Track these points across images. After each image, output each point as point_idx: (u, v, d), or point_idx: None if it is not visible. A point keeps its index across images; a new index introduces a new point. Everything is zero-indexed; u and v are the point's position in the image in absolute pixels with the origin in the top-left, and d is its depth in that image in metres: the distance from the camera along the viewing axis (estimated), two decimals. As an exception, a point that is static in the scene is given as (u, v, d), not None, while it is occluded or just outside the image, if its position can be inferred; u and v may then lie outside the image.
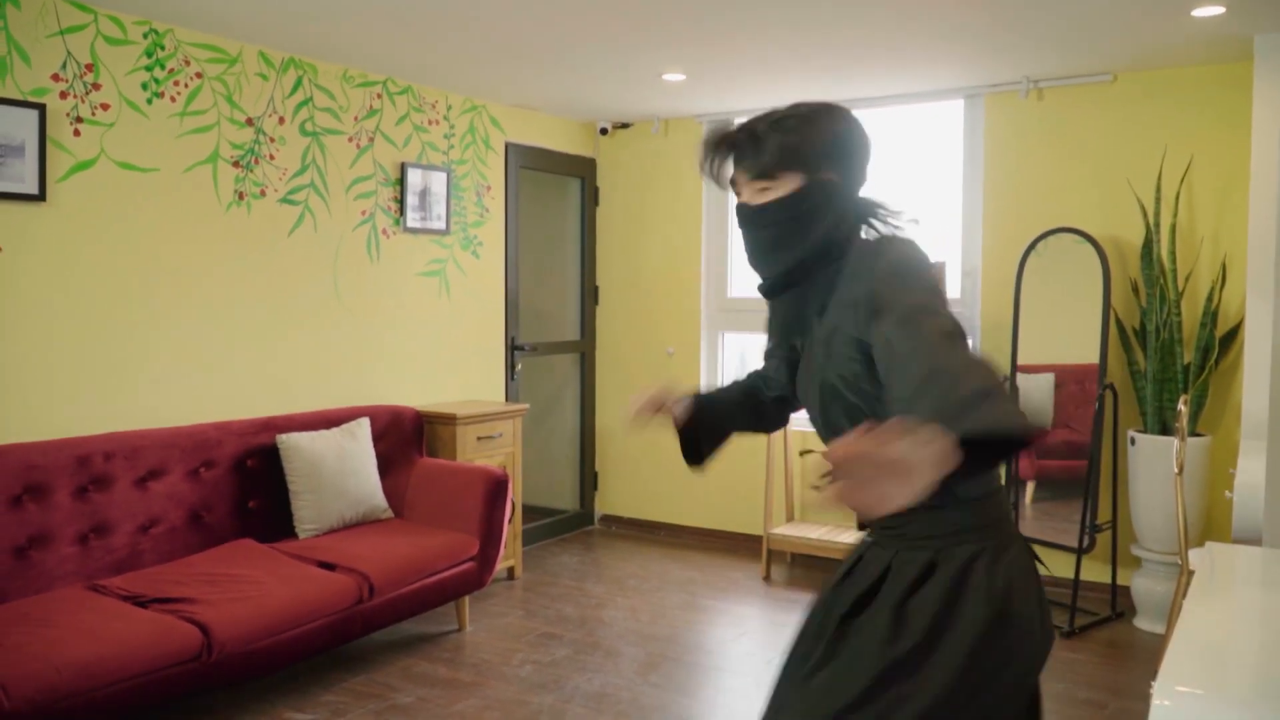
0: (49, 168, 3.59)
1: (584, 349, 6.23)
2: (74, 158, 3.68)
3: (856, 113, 1.97)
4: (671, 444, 2.18)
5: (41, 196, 3.57)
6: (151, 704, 3.00)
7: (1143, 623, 4.42)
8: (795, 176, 1.83)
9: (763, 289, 1.97)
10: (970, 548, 1.64)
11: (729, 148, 1.89)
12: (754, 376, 2.16)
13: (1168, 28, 3.94)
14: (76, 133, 3.68)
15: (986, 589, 1.60)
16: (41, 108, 3.54)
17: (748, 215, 1.84)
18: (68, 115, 3.65)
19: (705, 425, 2.10)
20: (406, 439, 4.62)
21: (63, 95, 3.63)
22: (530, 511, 6.02)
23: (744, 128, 1.88)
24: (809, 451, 3.07)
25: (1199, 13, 3.72)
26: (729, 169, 1.89)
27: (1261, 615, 2.01)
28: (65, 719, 2.75)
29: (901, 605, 1.63)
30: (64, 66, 3.63)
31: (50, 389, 3.64)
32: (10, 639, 2.86)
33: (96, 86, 3.73)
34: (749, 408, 2.13)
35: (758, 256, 1.91)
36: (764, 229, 1.85)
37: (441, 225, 5.16)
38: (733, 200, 1.97)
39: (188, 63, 4.02)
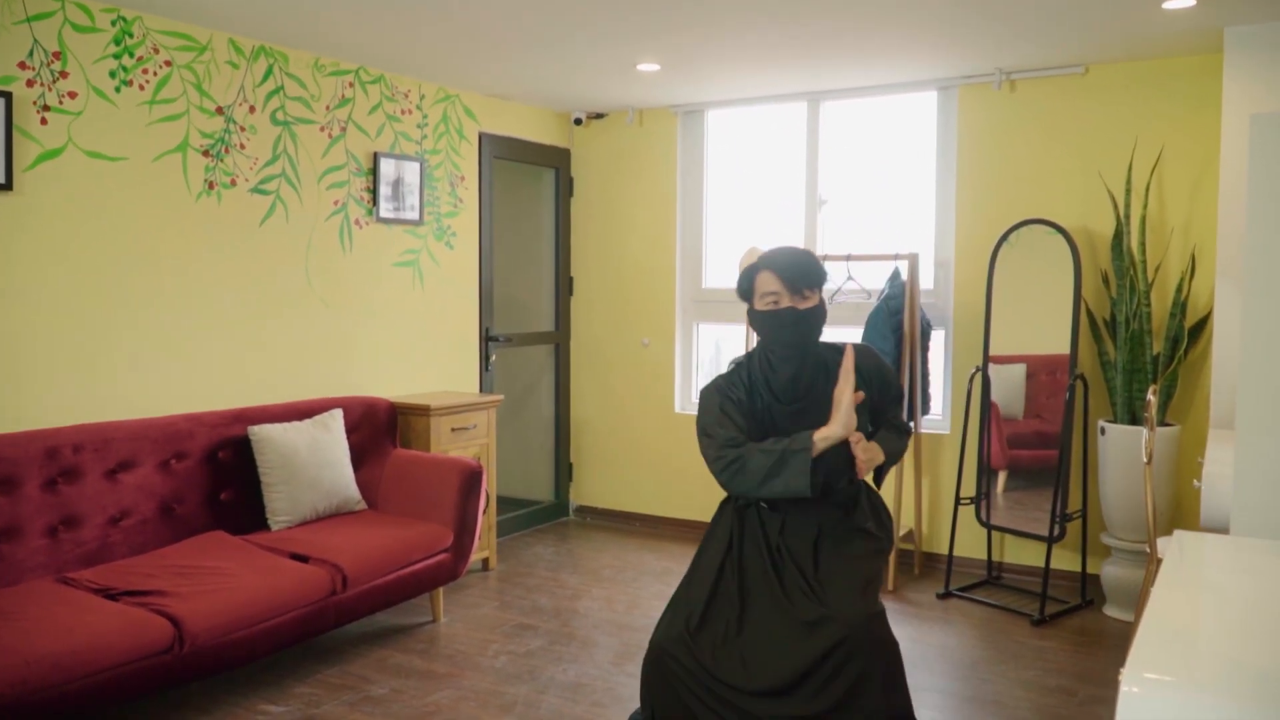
0: (15, 157, 3.54)
1: (559, 340, 6.22)
2: (41, 146, 3.62)
3: (830, 104, 2.99)
4: (647, 435, 2.57)
5: (8, 186, 3.51)
6: (124, 697, 2.98)
7: (1112, 610, 4.47)
8: (818, 294, 2.76)
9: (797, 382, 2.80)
10: (862, 492, 2.85)
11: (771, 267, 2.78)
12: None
13: (1139, 20, 3.97)
14: (44, 121, 3.63)
15: (880, 499, 2.92)
16: (8, 96, 3.49)
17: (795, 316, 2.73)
18: (34, 103, 3.60)
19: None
20: (380, 430, 4.60)
21: (29, 83, 3.58)
22: (505, 503, 6.01)
23: (798, 258, 2.77)
24: None
25: (1170, 5, 3.75)
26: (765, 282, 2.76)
27: (1229, 602, 2.04)
28: (36, 713, 2.72)
29: (859, 533, 2.77)
30: (30, 54, 3.58)
31: (18, 380, 3.59)
32: (-22, 633, 2.83)
33: (64, 74, 3.67)
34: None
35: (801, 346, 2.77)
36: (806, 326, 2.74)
37: (415, 216, 5.13)
38: (707, 197, 2.85)
39: (156, 50, 3.97)
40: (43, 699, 2.73)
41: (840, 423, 2.60)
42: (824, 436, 2.60)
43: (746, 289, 2.81)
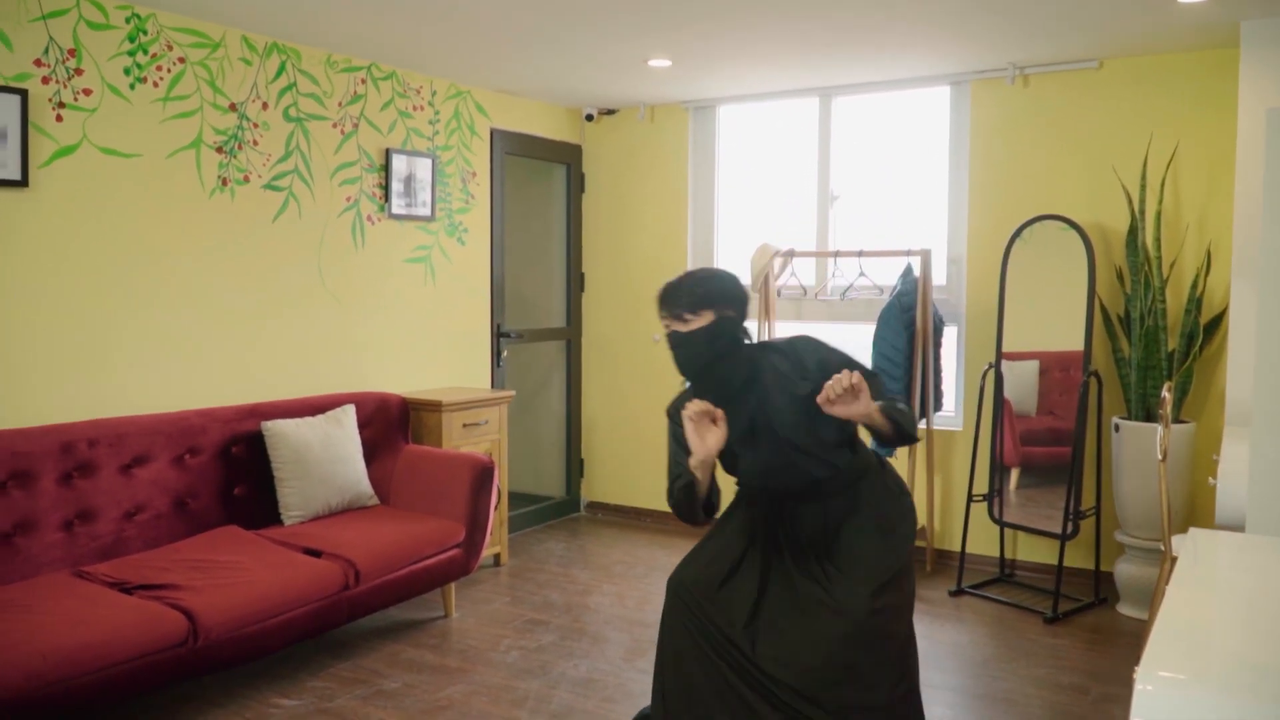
0: (31, 153, 3.56)
1: (570, 336, 6.22)
2: (56, 143, 3.64)
3: (842, 99, 2.96)
4: (656, 431, 2.55)
5: (24, 182, 3.53)
6: (138, 690, 3.00)
7: (1126, 609, 4.45)
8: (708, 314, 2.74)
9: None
10: (871, 477, 2.75)
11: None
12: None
13: (1154, 14, 3.95)
14: (59, 118, 3.64)
15: (897, 483, 2.80)
16: (23, 93, 3.51)
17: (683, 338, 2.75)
18: (50, 100, 3.61)
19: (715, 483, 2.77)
20: (392, 426, 4.61)
21: (45, 80, 3.59)
22: (516, 498, 6.02)
23: (673, 284, 2.87)
24: None
25: None
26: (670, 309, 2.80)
27: (1244, 601, 2.03)
28: (51, 705, 2.74)
29: (872, 520, 2.68)
30: (46, 52, 3.59)
31: (34, 375, 3.61)
32: (-6, 627, 2.85)
33: (79, 72, 3.69)
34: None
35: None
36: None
37: (427, 212, 5.14)
38: (719, 193, 3.04)
39: (170, 47, 3.98)
40: (57, 691, 2.75)
41: (694, 446, 2.55)
42: (693, 464, 2.60)
43: None
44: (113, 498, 3.64)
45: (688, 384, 2.84)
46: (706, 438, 2.55)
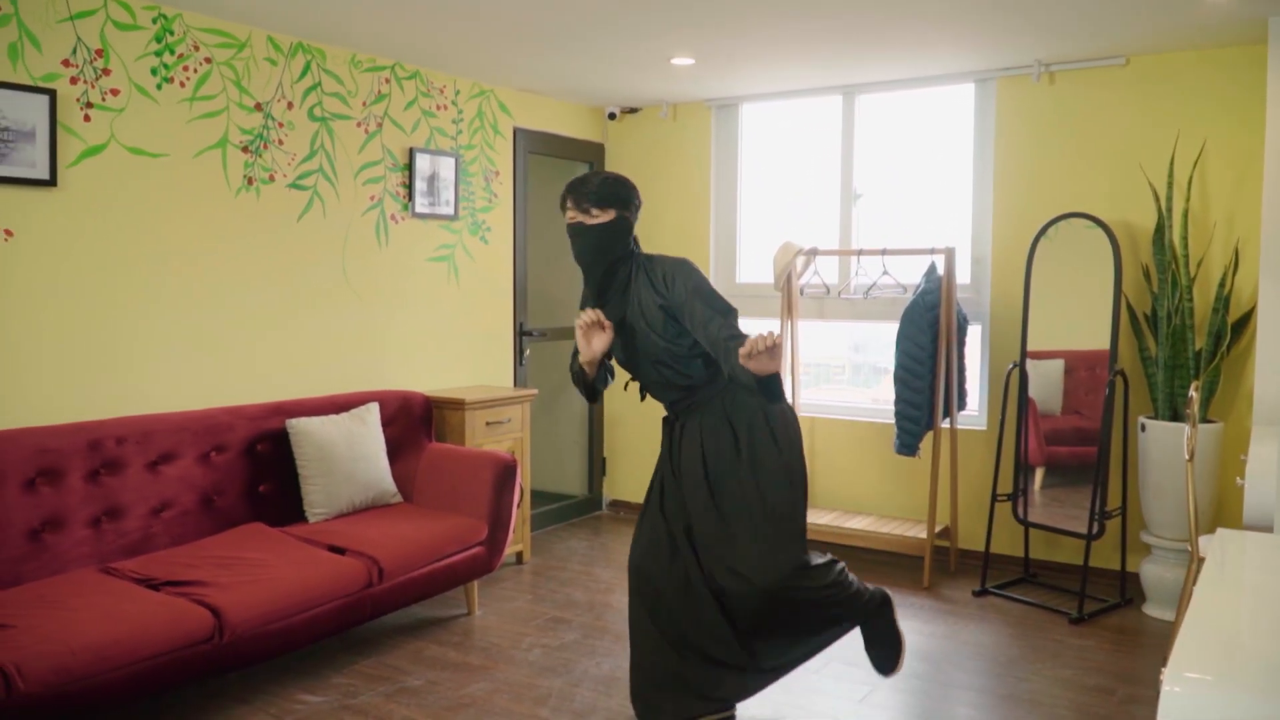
0: (59, 153, 3.60)
1: (593, 334, 6.22)
2: (84, 143, 3.68)
3: (866, 97, 3.07)
4: None
5: (52, 181, 3.57)
6: (164, 686, 3.03)
7: (1152, 609, 4.41)
8: (611, 212, 3.07)
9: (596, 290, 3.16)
10: (734, 391, 3.03)
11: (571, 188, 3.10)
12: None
13: (1181, 10, 3.91)
14: (87, 118, 3.68)
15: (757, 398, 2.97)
16: (52, 93, 3.55)
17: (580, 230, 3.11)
18: (78, 101, 3.65)
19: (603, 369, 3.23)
20: (415, 424, 4.63)
21: (73, 81, 3.63)
22: (539, 497, 6.04)
23: (581, 179, 3.11)
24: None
25: (1213, -4, 3.69)
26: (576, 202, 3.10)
27: (1272, 602, 2.01)
28: (79, 701, 2.77)
29: (744, 443, 3.01)
30: (74, 52, 3.63)
31: (62, 373, 3.65)
32: (25, 621, 2.88)
33: (106, 72, 3.73)
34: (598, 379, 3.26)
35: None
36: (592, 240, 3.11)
37: (450, 211, 5.16)
38: (741, 192, 3.43)
39: (197, 48, 4.01)
40: (86, 687, 2.78)
41: (581, 348, 3.11)
42: (581, 361, 3.14)
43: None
44: (140, 495, 3.68)
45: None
46: (593, 342, 3.07)
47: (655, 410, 6.05)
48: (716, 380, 3.07)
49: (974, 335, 5.12)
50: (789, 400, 3.34)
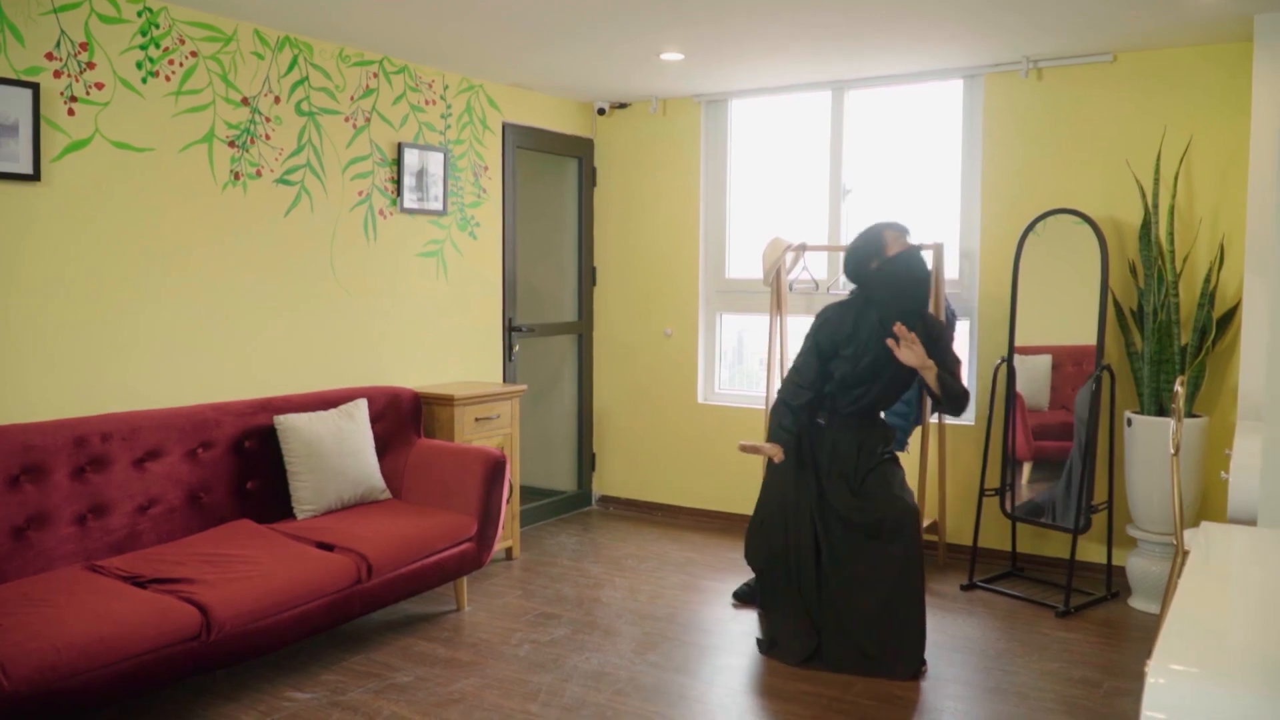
0: (43, 147, 3.58)
1: (582, 330, 6.23)
2: (68, 137, 3.66)
3: (855, 93, 3.26)
4: (670, 426, 2.61)
5: (36, 176, 3.55)
6: (151, 684, 3.01)
7: (1138, 603, 4.44)
8: None
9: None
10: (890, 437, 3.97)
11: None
12: (812, 402, 3.96)
13: (1168, 7, 3.92)
14: (71, 112, 3.66)
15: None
16: (35, 87, 3.52)
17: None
18: (62, 94, 3.63)
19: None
20: (404, 420, 4.62)
21: (57, 74, 3.61)
22: (528, 492, 6.03)
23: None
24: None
25: (1199, -8, 3.71)
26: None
27: (1256, 594, 2.02)
28: (65, 699, 2.76)
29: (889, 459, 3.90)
30: (58, 45, 3.61)
31: (47, 369, 3.63)
32: (10, 619, 2.87)
33: (91, 65, 3.71)
34: (810, 420, 3.99)
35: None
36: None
37: (439, 206, 5.15)
38: (731, 187, 4.05)
39: (182, 41, 3.99)
40: (72, 685, 2.77)
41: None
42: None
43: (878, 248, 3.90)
44: (126, 492, 3.66)
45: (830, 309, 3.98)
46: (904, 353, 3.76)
47: (643, 406, 6.08)
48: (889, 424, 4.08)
49: (962, 330, 5.13)
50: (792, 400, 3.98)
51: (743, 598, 4.53)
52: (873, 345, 3.79)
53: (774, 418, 3.98)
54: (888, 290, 3.80)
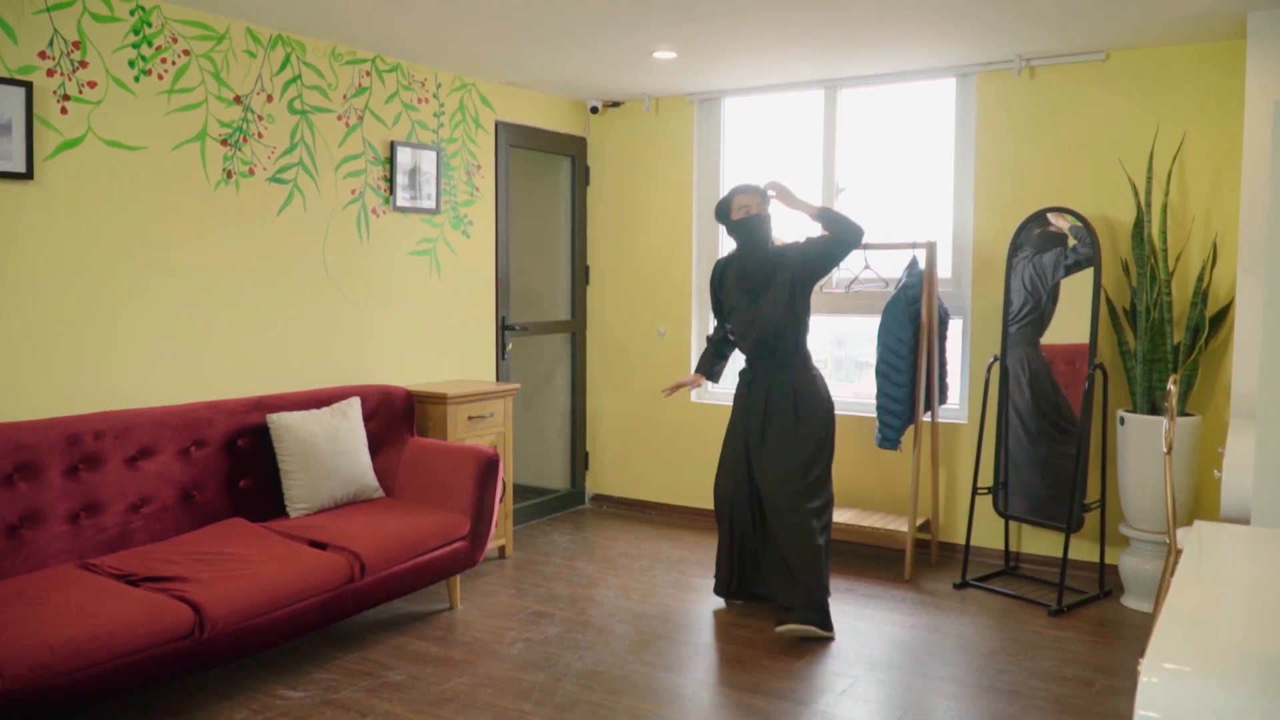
0: (36, 146, 3.57)
1: (575, 329, 6.22)
2: (61, 136, 3.65)
3: (848, 91, 3.82)
4: (663, 425, 2.63)
5: (29, 175, 3.54)
6: (144, 682, 3.01)
7: (1131, 601, 4.45)
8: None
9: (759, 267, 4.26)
10: (804, 371, 4.19)
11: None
12: (720, 340, 4.52)
13: (1161, 5, 3.93)
14: (64, 111, 3.65)
15: (823, 386, 4.21)
16: (28, 85, 3.51)
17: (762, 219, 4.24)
18: (55, 93, 3.62)
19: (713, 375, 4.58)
20: (397, 418, 4.61)
21: (49, 73, 3.60)
22: (521, 491, 6.03)
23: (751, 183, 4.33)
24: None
25: (1192, -9, 3.71)
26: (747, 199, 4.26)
27: (1249, 593, 2.03)
28: (58, 697, 2.75)
29: (797, 406, 4.13)
30: (51, 44, 3.59)
31: (40, 368, 3.62)
32: (3, 617, 2.86)
33: (83, 64, 3.69)
34: (721, 357, 4.55)
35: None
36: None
37: (431, 204, 5.14)
38: (724, 186, 4.66)
39: (175, 40, 3.98)
40: (65, 683, 2.76)
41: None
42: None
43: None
44: (119, 490, 3.66)
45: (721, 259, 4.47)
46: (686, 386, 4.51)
47: (637, 406, 6.08)
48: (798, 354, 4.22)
49: (955, 329, 5.14)
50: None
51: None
52: (739, 296, 4.25)
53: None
54: (738, 248, 4.29)
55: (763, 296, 4.15)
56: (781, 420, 4.13)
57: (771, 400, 4.16)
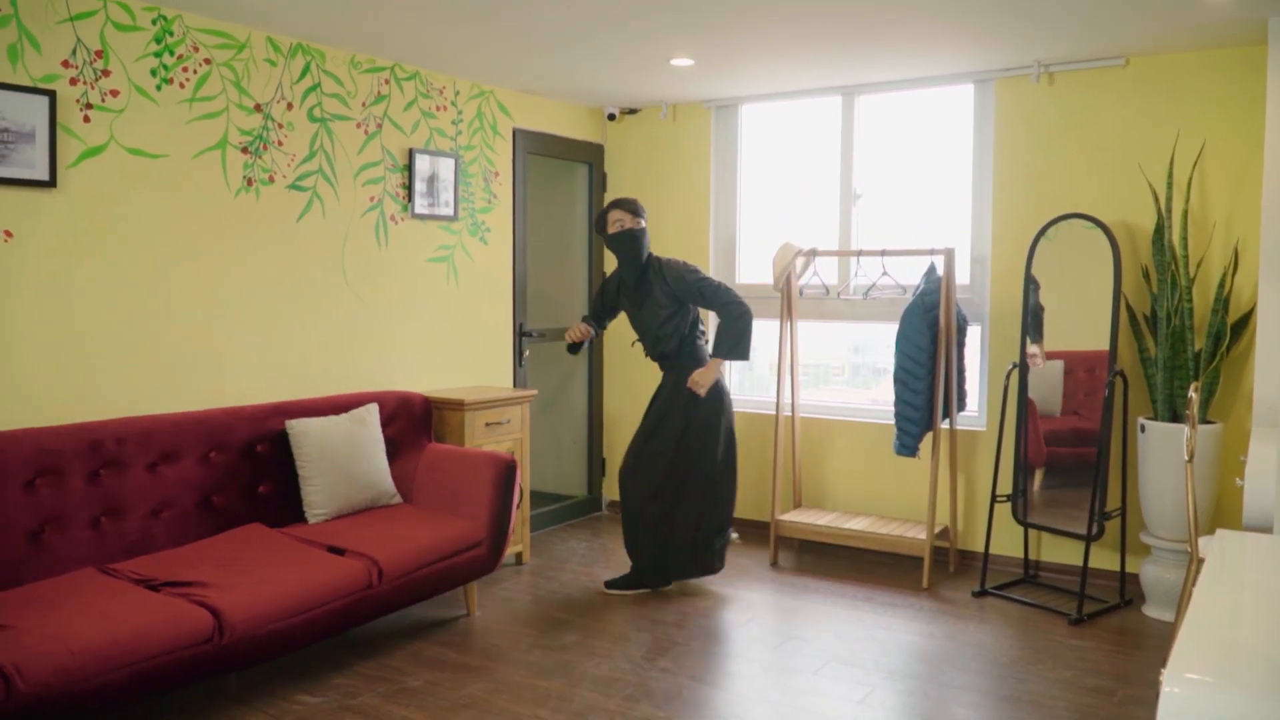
0: (59, 154, 3.60)
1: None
2: (84, 144, 3.68)
3: (866, 97, 3.93)
4: None
5: (52, 182, 3.57)
6: (164, 686, 3.03)
7: (1152, 610, 4.42)
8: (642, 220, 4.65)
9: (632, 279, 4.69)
10: (692, 367, 4.61)
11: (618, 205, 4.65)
12: (595, 316, 4.95)
13: (1181, 11, 3.91)
14: (86, 119, 3.68)
15: (720, 382, 4.67)
16: (52, 94, 3.55)
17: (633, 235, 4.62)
18: (78, 102, 3.65)
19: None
20: (415, 425, 4.63)
21: (73, 82, 3.63)
22: (538, 497, 6.04)
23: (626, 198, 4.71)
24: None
25: (1212, -3, 3.69)
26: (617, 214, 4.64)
27: (1272, 603, 2.01)
28: (79, 701, 2.77)
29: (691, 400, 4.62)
30: (74, 53, 3.63)
31: (62, 373, 3.65)
32: (24, 622, 2.88)
33: (106, 73, 3.73)
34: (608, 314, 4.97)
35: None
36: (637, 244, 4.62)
37: (449, 211, 5.16)
38: (741, 192, 5.34)
39: (196, 49, 4.01)
40: (85, 688, 2.78)
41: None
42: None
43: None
44: (140, 495, 3.68)
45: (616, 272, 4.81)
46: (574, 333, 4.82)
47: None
48: (684, 352, 4.65)
49: (973, 336, 5.12)
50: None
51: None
52: (626, 302, 4.75)
53: None
54: (617, 260, 4.70)
55: (643, 306, 4.61)
56: (668, 408, 4.64)
57: (663, 389, 4.70)
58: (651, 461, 4.63)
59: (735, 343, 4.46)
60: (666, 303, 4.55)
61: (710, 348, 4.67)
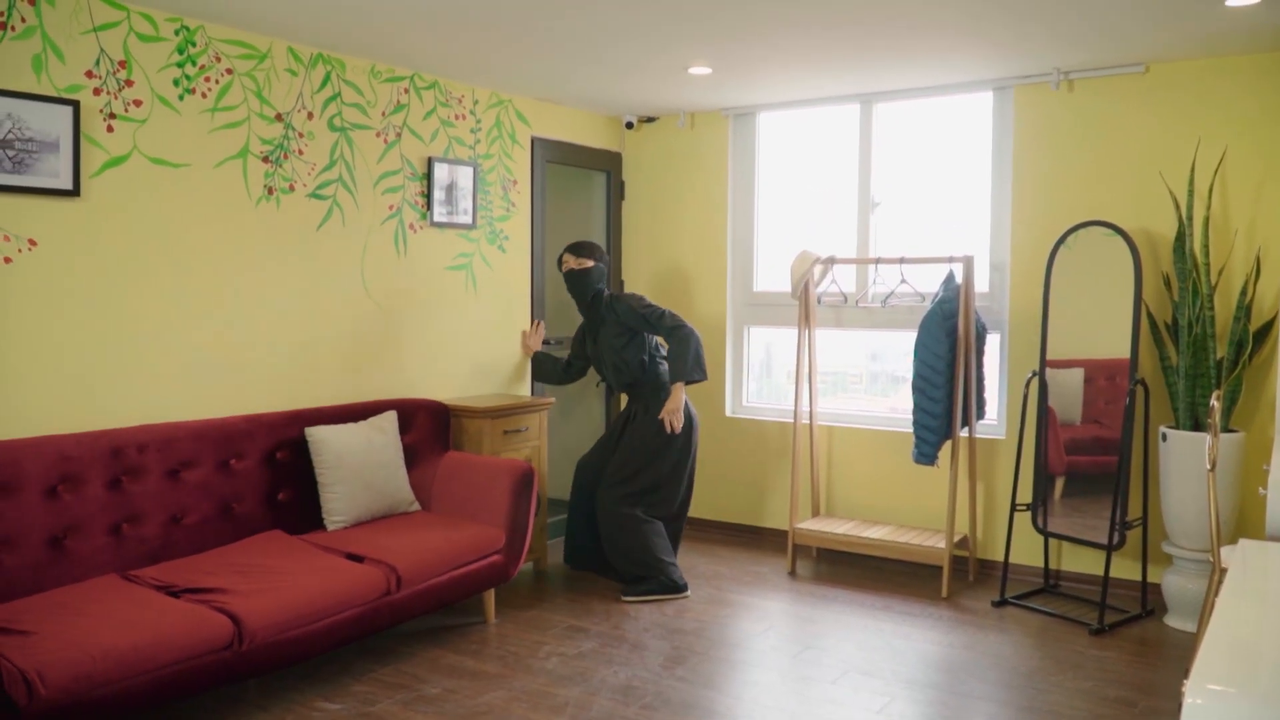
0: (83, 163, 3.64)
1: (610, 343, 6.23)
2: (107, 153, 3.72)
3: (883, 105, 4.12)
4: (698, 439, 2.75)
5: (75, 192, 3.61)
6: (184, 693, 3.04)
7: (1174, 621, 4.38)
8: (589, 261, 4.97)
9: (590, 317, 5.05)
10: (653, 393, 4.90)
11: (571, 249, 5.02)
12: (576, 358, 5.25)
13: (1201, 18, 3.89)
14: (110, 129, 3.72)
15: (686, 406, 4.86)
16: (75, 104, 3.58)
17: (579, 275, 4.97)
18: (101, 111, 3.69)
19: (543, 365, 5.37)
20: (433, 432, 4.64)
21: (96, 92, 3.67)
22: (556, 505, 6.04)
23: (577, 241, 5.05)
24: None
25: (1233, 2, 3.67)
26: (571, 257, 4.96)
27: (1295, 613, 1.99)
28: (100, 707, 2.79)
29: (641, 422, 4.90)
30: (97, 63, 3.67)
31: (84, 381, 3.68)
32: (46, 628, 2.91)
33: (129, 83, 3.77)
34: (560, 366, 5.32)
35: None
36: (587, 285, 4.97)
37: (468, 220, 5.18)
38: (759, 200, 5.88)
39: (218, 59, 4.05)
40: (106, 693, 2.80)
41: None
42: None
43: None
44: (160, 502, 3.71)
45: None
46: (530, 342, 5.46)
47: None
48: (647, 381, 4.91)
49: (993, 344, 5.10)
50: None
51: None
52: (585, 339, 5.09)
53: None
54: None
55: (599, 339, 4.93)
56: (632, 431, 4.88)
57: (628, 415, 4.94)
58: (622, 486, 4.84)
59: (692, 364, 4.68)
60: (620, 332, 4.83)
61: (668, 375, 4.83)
